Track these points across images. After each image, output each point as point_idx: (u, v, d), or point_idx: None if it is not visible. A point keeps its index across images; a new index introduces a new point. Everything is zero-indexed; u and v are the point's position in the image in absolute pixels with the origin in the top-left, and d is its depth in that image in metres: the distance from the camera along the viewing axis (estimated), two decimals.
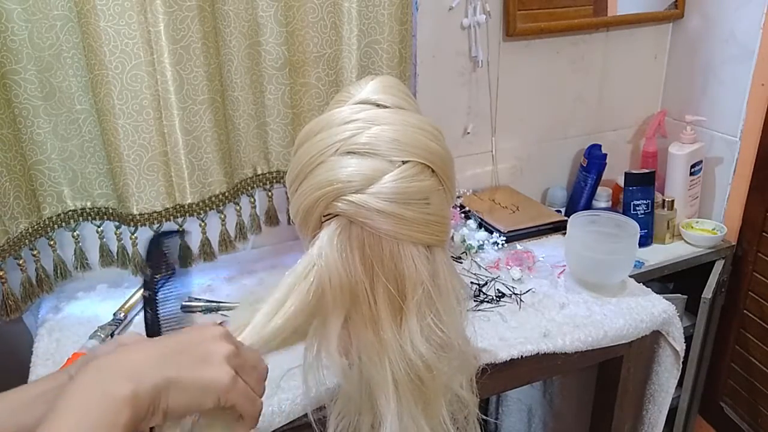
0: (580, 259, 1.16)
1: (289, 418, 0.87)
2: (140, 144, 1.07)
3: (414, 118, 0.66)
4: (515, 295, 1.13)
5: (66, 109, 1.05)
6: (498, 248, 1.29)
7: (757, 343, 1.53)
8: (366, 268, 0.63)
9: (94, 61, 1.00)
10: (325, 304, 0.64)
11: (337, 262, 0.63)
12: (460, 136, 1.47)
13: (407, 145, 0.63)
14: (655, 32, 1.60)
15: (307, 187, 0.64)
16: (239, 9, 1.09)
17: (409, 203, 0.63)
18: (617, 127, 1.67)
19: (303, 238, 0.69)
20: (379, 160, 0.63)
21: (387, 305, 0.64)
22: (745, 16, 1.41)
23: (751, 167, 1.46)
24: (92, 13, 0.97)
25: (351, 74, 1.17)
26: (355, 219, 0.62)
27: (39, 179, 1.08)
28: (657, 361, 1.16)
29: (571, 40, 1.50)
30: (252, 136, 1.20)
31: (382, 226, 0.62)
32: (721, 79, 1.50)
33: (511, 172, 1.58)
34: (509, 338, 1.01)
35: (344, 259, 0.63)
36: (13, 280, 1.10)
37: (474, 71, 1.43)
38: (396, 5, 1.14)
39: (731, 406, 1.65)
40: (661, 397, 1.17)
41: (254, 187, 1.25)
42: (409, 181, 0.62)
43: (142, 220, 1.12)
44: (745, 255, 1.52)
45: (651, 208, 1.47)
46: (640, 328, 1.06)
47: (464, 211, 1.41)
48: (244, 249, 1.33)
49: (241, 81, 1.14)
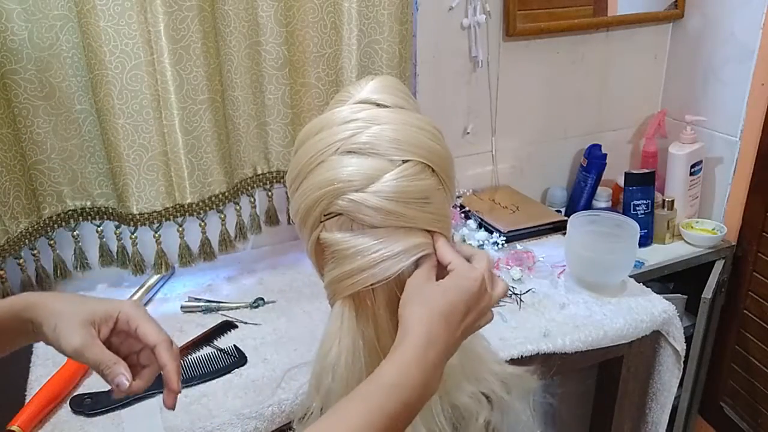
0: (580, 259, 1.16)
1: (289, 418, 0.87)
2: (140, 144, 1.07)
3: (414, 118, 0.66)
4: (515, 295, 1.13)
5: (66, 108, 1.05)
6: (498, 248, 1.29)
7: (757, 343, 1.53)
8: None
9: (94, 61, 1.00)
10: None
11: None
12: (460, 136, 1.47)
13: (407, 145, 0.63)
14: (655, 32, 1.60)
15: (308, 187, 0.64)
16: (239, 9, 1.09)
17: (409, 202, 0.63)
18: (617, 127, 1.67)
19: (303, 238, 0.69)
20: (380, 159, 0.62)
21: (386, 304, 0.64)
22: (745, 16, 1.41)
23: (751, 167, 1.46)
24: (92, 13, 0.97)
25: (351, 74, 1.17)
26: (355, 216, 0.62)
27: (39, 179, 1.08)
28: (658, 361, 1.16)
29: (571, 40, 1.50)
30: (252, 136, 1.20)
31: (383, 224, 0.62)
32: (721, 79, 1.50)
33: (511, 172, 1.58)
34: (509, 338, 1.01)
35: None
36: (13, 279, 1.10)
37: (474, 71, 1.43)
38: (396, 5, 1.14)
39: (731, 406, 1.64)
40: (664, 397, 1.17)
41: (254, 187, 1.25)
42: (409, 180, 0.62)
43: (141, 219, 1.12)
44: (745, 255, 1.52)
45: (651, 208, 1.47)
46: (640, 328, 1.06)
47: (464, 211, 1.41)
48: (244, 249, 1.33)
49: (241, 81, 1.14)
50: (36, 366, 0.98)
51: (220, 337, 1.05)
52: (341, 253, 0.63)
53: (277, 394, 0.89)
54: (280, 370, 0.94)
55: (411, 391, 0.55)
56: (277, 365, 0.96)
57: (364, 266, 0.62)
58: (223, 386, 0.93)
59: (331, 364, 0.64)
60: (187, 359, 0.98)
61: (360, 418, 0.53)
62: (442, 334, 0.58)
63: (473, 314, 0.61)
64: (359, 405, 0.54)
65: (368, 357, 0.64)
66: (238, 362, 0.97)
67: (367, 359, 0.63)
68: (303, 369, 0.92)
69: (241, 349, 1.00)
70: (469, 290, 0.61)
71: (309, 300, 1.14)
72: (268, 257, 1.31)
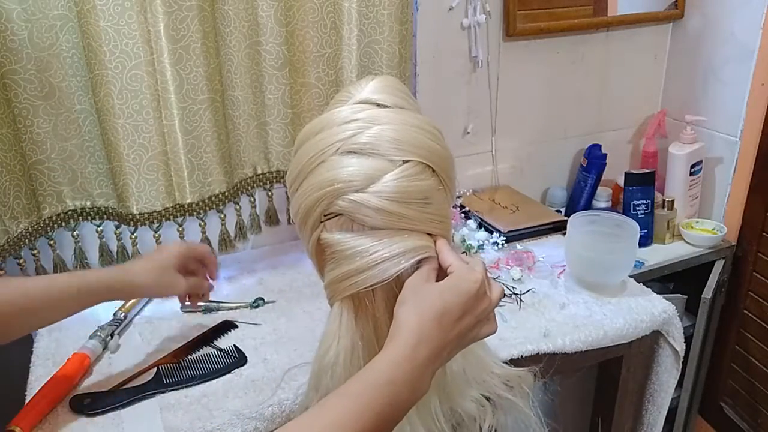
0: (580, 259, 1.16)
1: (289, 418, 0.87)
2: (140, 144, 1.07)
3: (414, 118, 0.66)
4: (515, 295, 1.13)
5: (66, 108, 1.05)
6: (498, 248, 1.29)
7: (757, 343, 1.53)
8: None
9: (94, 61, 1.00)
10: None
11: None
12: (460, 136, 1.47)
13: (408, 145, 0.63)
14: (655, 32, 1.60)
15: (308, 187, 0.64)
16: (239, 9, 1.09)
17: (409, 202, 0.63)
18: (617, 127, 1.67)
19: (303, 238, 0.69)
20: (380, 159, 0.62)
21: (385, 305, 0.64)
22: (745, 16, 1.41)
23: (751, 167, 1.46)
24: (92, 13, 0.97)
25: (351, 74, 1.17)
26: (355, 217, 0.62)
27: (39, 179, 1.08)
28: (657, 361, 1.16)
29: (571, 40, 1.50)
30: (252, 136, 1.20)
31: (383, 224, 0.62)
32: (721, 79, 1.50)
33: (511, 172, 1.58)
34: (509, 338, 1.01)
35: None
36: None
37: (474, 71, 1.43)
38: (396, 5, 1.14)
39: (731, 406, 1.64)
40: (661, 398, 1.17)
41: (254, 187, 1.25)
42: (409, 180, 0.62)
43: (141, 219, 1.12)
44: (745, 255, 1.52)
45: (651, 208, 1.47)
46: (640, 328, 1.06)
47: (464, 211, 1.41)
48: (244, 249, 1.33)
49: (241, 81, 1.14)
50: (36, 366, 0.98)
51: (220, 337, 1.05)
52: (341, 253, 0.63)
53: (277, 394, 0.89)
54: (280, 370, 0.94)
55: (400, 388, 0.55)
56: (277, 365, 0.96)
57: (363, 267, 0.62)
58: (223, 386, 0.93)
59: (330, 364, 0.64)
60: (187, 359, 0.98)
61: (346, 414, 0.53)
62: (434, 334, 0.58)
63: (470, 317, 0.61)
64: (346, 401, 0.54)
65: (367, 357, 0.63)
66: (238, 362, 0.97)
67: (365, 359, 0.63)
68: (303, 369, 0.92)
69: (241, 349, 1.00)
70: (467, 292, 0.60)
71: (309, 300, 1.14)
72: (268, 257, 1.31)
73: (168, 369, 0.95)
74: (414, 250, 0.63)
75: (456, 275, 0.62)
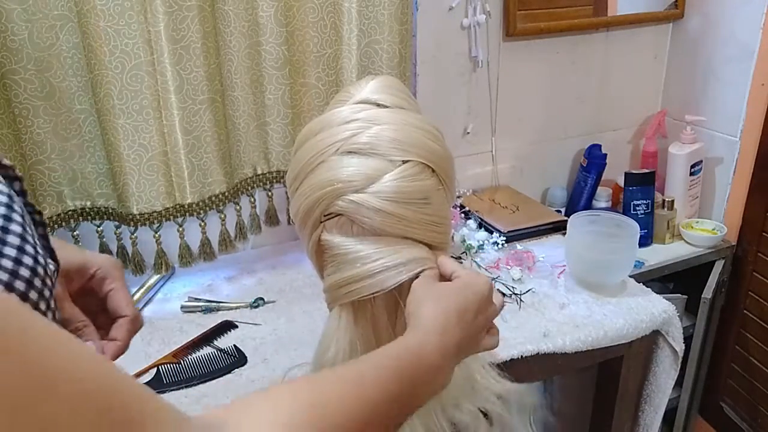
0: (580, 259, 1.16)
1: None
2: (140, 144, 1.07)
3: (414, 118, 0.66)
4: (515, 295, 1.13)
5: (66, 108, 1.05)
6: (498, 248, 1.29)
7: (757, 343, 1.53)
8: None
9: (94, 61, 1.00)
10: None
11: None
12: (460, 136, 1.47)
13: (407, 145, 0.63)
14: (655, 32, 1.60)
15: (308, 187, 0.64)
16: (239, 9, 1.09)
17: (409, 203, 0.63)
18: (617, 127, 1.67)
19: (303, 239, 0.69)
20: (380, 159, 0.63)
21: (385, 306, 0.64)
22: (745, 16, 1.41)
23: (751, 167, 1.46)
24: (92, 13, 0.97)
25: (351, 74, 1.17)
26: (355, 218, 0.62)
27: (39, 179, 1.08)
28: (655, 362, 1.16)
29: (571, 40, 1.50)
30: (252, 136, 1.20)
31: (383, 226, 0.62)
32: (721, 79, 1.50)
33: (511, 172, 1.58)
34: (509, 338, 1.01)
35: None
36: None
37: (474, 71, 1.43)
38: (396, 5, 1.14)
39: (731, 406, 1.64)
40: (658, 398, 1.17)
41: (254, 187, 1.25)
42: (409, 180, 0.63)
43: (141, 219, 1.12)
44: (745, 255, 1.52)
45: (651, 208, 1.47)
46: (640, 328, 1.06)
47: (464, 211, 1.41)
48: (244, 249, 1.33)
49: (241, 81, 1.14)
50: None
51: (220, 337, 1.05)
52: (341, 257, 0.63)
53: None
54: (280, 370, 0.94)
55: (428, 373, 0.53)
56: (277, 365, 0.96)
57: (363, 275, 0.62)
58: (223, 386, 0.93)
59: (329, 364, 0.64)
60: (187, 359, 0.98)
61: (372, 389, 0.47)
62: (456, 328, 0.57)
63: (483, 317, 0.61)
64: (381, 371, 0.50)
65: None
66: (238, 362, 0.97)
67: None
68: (303, 369, 0.92)
69: (241, 349, 1.00)
70: (481, 291, 0.61)
71: (309, 300, 1.14)
72: (268, 257, 1.31)
73: (168, 369, 0.95)
74: (415, 261, 0.63)
75: (466, 278, 0.62)
